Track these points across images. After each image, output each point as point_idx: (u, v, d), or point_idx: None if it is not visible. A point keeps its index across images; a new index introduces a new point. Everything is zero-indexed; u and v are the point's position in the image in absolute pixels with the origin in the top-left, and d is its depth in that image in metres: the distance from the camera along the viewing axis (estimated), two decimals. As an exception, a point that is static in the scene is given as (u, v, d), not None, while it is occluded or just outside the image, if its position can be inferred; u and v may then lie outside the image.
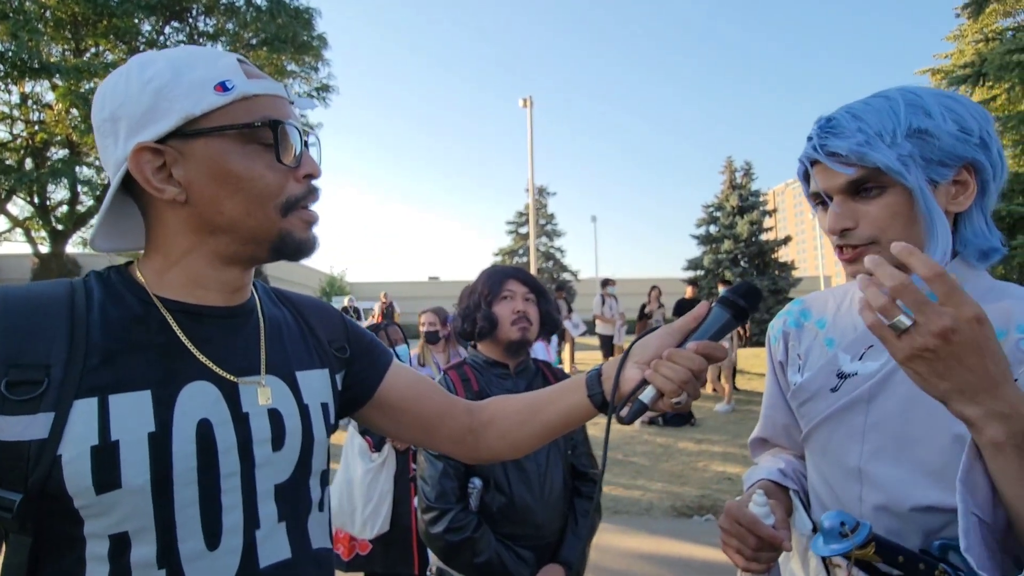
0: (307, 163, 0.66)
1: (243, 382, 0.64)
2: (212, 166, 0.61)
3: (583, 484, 1.54)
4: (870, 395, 0.80)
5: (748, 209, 21.82)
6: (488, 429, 0.84)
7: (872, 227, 0.75)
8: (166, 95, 0.59)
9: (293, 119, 0.65)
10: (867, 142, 0.72)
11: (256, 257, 0.66)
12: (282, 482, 0.65)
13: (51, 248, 13.67)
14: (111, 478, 0.54)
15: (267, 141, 0.62)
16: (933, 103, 0.73)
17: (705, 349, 0.70)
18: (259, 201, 0.62)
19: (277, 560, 0.64)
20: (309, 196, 0.67)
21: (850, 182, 0.75)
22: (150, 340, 0.60)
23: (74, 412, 0.54)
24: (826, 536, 0.73)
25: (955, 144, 0.72)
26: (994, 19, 10.75)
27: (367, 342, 0.83)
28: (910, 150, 0.71)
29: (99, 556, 0.55)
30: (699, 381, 0.70)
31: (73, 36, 12.96)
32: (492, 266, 1.67)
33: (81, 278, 0.63)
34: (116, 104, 0.61)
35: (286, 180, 0.64)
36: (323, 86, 15.65)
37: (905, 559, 0.70)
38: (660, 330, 0.76)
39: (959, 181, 0.74)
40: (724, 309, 0.73)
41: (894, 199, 0.73)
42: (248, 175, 0.61)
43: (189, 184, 0.61)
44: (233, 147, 0.61)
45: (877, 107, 0.74)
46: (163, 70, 0.60)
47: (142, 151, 0.60)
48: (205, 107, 0.59)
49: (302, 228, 0.66)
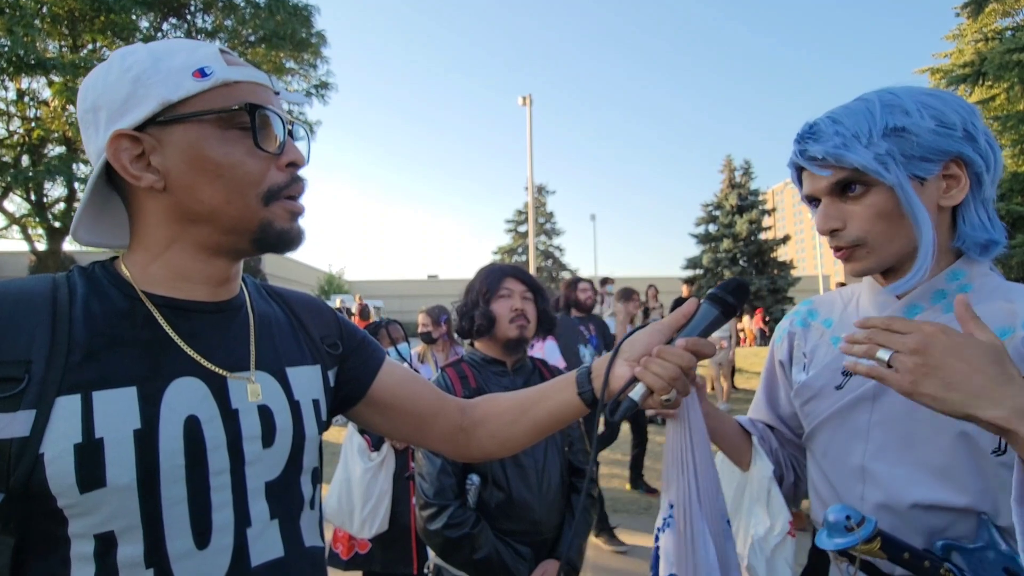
0: (290, 151, 0.65)
1: (232, 377, 0.63)
2: (190, 153, 0.59)
3: (580, 480, 1.54)
4: (875, 393, 0.80)
5: (747, 208, 21.83)
6: (479, 428, 0.83)
7: (859, 227, 0.77)
8: (144, 82, 0.59)
9: (276, 107, 0.64)
10: (844, 144, 0.74)
11: (238, 248, 0.65)
12: (273, 479, 0.65)
13: (48, 245, 13.63)
14: (95, 476, 0.53)
15: (246, 126, 0.61)
16: (910, 101, 0.74)
17: (694, 346, 0.70)
18: (238, 189, 0.61)
19: (270, 559, 0.63)
20: (293, 185, 0.65)
21: (834, 183, 0.77)
22: (135, 336, 0.59)
23: (57, 409, 0.53)
24: (831, 530, 0.72)
25: (936, 139, 0.73)
26: (994, 19, 10.76)
27: (360, 339, 0.82)
28: (888, 148, 0.73)
29: (84, 556, 0.54)
30: (688, 378, 0.70)
31: (70, 32, 12.91)
32: (490, 264, 1.67)
33: (65, 273, 0.62)
34: (97, 94, 0.60)
35: (267, 168, 0.63)
36: (322, 83, 15.62)
37: (911, 556, 0.70)
38: (649, 327, 0.76)
39: (949, 175, 0.75)
40: (713, 305, 0.74)
41: (878, 198, 0.74)
42: (227, 161, 0.60)
43: (167, 172, 0.60)
44: (211, 133, 0.60)
45: (854, 109, 0.76)
46: (143, 59, 0.60)
47: (120, 138, 0.59)
48: (183, 93, 0.59)
49: (285, 218, 0.64)
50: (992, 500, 0.70)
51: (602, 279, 9.23)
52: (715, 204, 22.13)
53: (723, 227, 21.28)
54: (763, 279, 19.61)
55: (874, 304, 0.85)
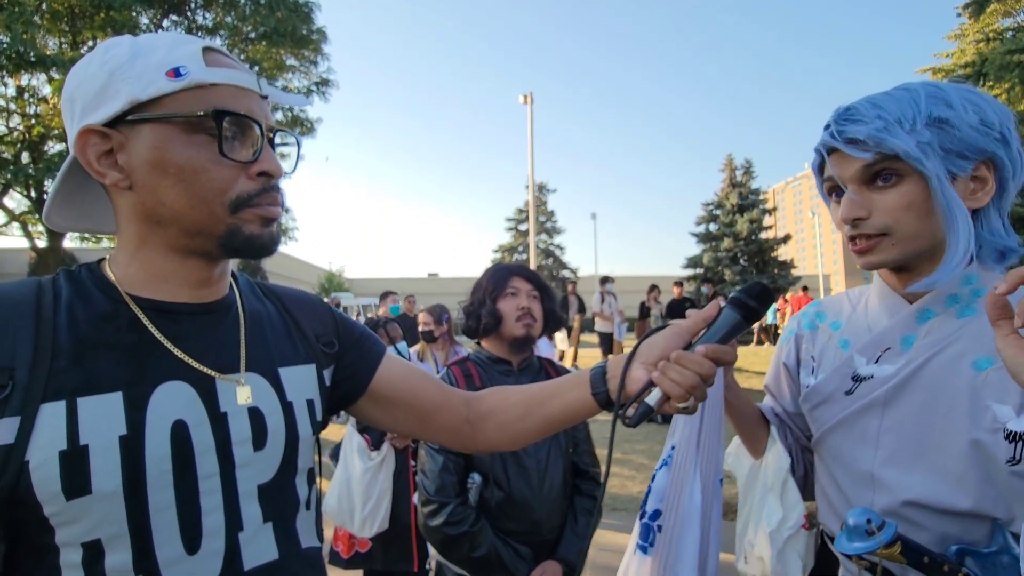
0: (264, 160, 0.62)
1: (221, 379, 0.62)
2: (154, 154, 0.58)
3: (583, 482, 1.53)
4: (886, 399, 0.78)
5: (748, 207, 21.83)
6: (486, 421, 0.82)
7: (886, 216, 0.74)
8: (118, 77, 0.58)
9: (256, 114, 0.61)
10: (886, 128, 0.71)
11: (207, 251, 0.63)
12: (266, 482, 0.64)
13: (48, 243, 13.62)
14: (81, 483, 0.52)
15: (215, 132, 0.59)
16: (955, 95, 0.72)
17: (715, 353, 0.67)
18: (200, 195, 0.59)
19: (263, 562, 0.62)
20: (263, 195, 0.62)
21: (866, 169, 0.74)
22: (120, 339, 0.58)
23: (41, 416, 0.52)
24: (850, 533, 0.71)
25: (975, 136, 0.71)
26: (995, 19, 10.75)
27: (358, 335, 0.81)
28: (929, 138, 0.70)
29: (73, 564, 0.54)
30: (707, 385, 0.67)
31: (70, 29, 12.87)
32: (497, 263, 1.67)
33: (51, 277, 0.61)
34: (75, 84, 0.60)
35: (236, 176, 0.61)
36: (322, 80, 15.58)
37: (930, 560, 0.69)
38: (667, 330, 0.73)
39: (977, 177, 0.73)
40: (734, 310, 0.70)
41: (910, 188, 0.72)
42: (189, 167, 0.58)
43: (132, 171, 0.59)
44: (177, 136, 0.58)
45: (898, 96, 0.74)
46: (122, 52, 0.59)
47: (88, 133, 0.58)
48: (153, 92, 0.57)
49: (255, 223, 0.62)
50: (1006, 506, 0.69)
51: (602, 278, 9.24)
52: (716, 203, 22.12)
53: (724, 226, 21.27)
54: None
55: (884, 308, 0.83)
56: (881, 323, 0.82)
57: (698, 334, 0.71)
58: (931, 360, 0.74)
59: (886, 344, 0.80)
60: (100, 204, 0.68)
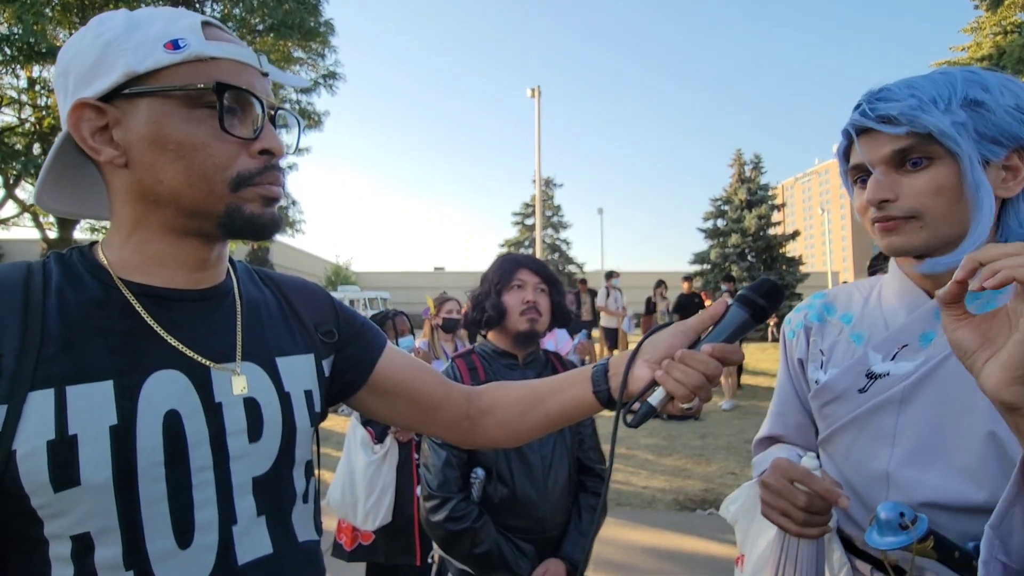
0: (266, 137, 0.60)
1: (216, 368, 0.60)
2: (151, 129, 0.56)
3: (589, 479, 1.51)
4: (903, 397, 0.76)
5: (756, 203, 21.65)
6: (487, 417, 0.80)
7: (913, 200, 0.71)
8: (113, 49, 0.55)
9: (257, 90, 0.59)
10: (920, 106, 0.69)
11: (206, 232, 0.60)
12: (261, 475, 0.62)
13: (59, 233, 13.74)
14: (69, 475, 0.51)
15: (215, 107, 0.56)
16: (992, 79, 0.71)
17: (721, 352, 0.65)
18: (200, 172, 0.57)
19: (257, 556, 0.60)
20: (265, 174, 0.60)
21: (896, 151, 0.71)
22: (112, 326, 0.56)
23: (29, 405, 0.50)
24: (882, 528, 0.68)
25: (1010, 122, 0.69)
26: (1013, 12, 10.55)
27: (359, 325, 0.79)
28: (964, 120, 0.68)
29: (62, 557, 0.52)
30: (712, 385, 0.65)
31: (80, 20, 12.89)
32: (506, 253, 1.62)
33: (40, 260, 0.59)
34: (69, 57, 0.58)
35: (237, 152, 0.58)
36: (330, 73, 15.54)
37: (961, 555, 0.67)
38: (672, 327, 0.71)
39: (1009, 167, 0.71)
40: (742, 308, 0.67)
41: (941, 172, 0.70)
42: (189, 142, 0.56)
43: (128, 147, 0.57)
44: (176, 111, 0.56)
45: (933, 78, 0.72)
46: (118, 24, 0.56)
47: (82, 107, 0.56)
48: (150, 64, 0.55)
49: (256, 203, 0.60)
50: None
51: (607, 273, 9.19)
52: (724, 199, 21.94)
53: (732, 222, 21.10)
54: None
55: (903, 302, 0.80)
56: (898, 319, 0.80)
57: (704, 332, 0.69)
58: (951, 356, 0.72)
59: (904, 341, 0.77)
60: (96, 187, 0.65)
